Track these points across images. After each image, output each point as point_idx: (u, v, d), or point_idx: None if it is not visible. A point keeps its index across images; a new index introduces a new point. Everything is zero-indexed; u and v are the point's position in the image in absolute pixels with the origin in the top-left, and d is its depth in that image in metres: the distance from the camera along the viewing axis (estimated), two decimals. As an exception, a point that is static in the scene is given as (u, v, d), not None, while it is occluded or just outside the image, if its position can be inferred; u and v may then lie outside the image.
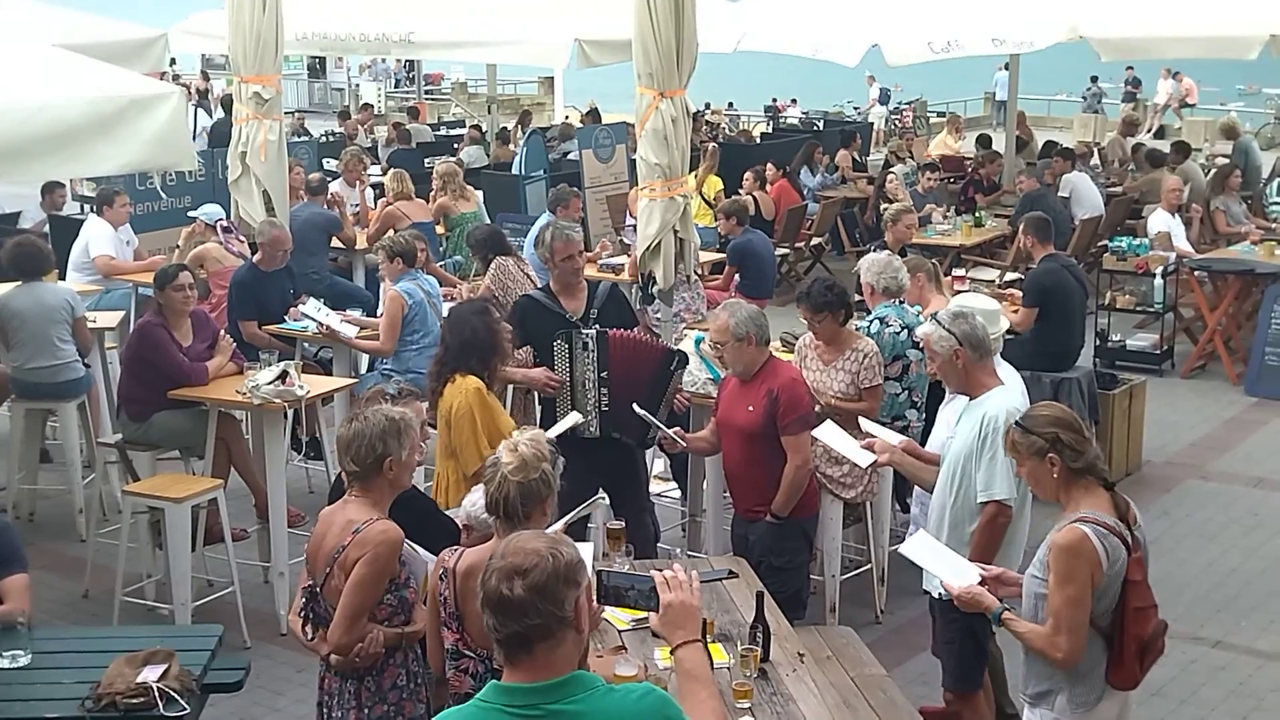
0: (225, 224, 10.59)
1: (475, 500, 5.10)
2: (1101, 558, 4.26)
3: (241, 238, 10.37)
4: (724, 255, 11.88)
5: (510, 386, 8.88)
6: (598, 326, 6.94)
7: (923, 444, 7.11)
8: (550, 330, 6.91)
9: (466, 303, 6.71)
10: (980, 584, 4.66)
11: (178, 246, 10.85)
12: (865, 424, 6.29)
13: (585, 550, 5.05)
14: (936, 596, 5.55)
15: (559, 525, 5.72)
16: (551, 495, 4.34)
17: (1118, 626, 4.36)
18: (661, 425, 6.57)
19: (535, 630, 3.00)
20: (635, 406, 6.66)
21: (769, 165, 15.57)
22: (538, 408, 7.72)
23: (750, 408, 6.31)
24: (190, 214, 11.26)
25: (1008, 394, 5.45)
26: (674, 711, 3.10)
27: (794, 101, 31.19)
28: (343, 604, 4.45)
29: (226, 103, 20.19)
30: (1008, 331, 9.39)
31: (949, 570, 4.80)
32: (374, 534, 4.42)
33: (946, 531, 5.37)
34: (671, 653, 3.46)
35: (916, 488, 6.49)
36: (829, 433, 6.11)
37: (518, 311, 7.22)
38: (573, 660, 3.08)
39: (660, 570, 3.50)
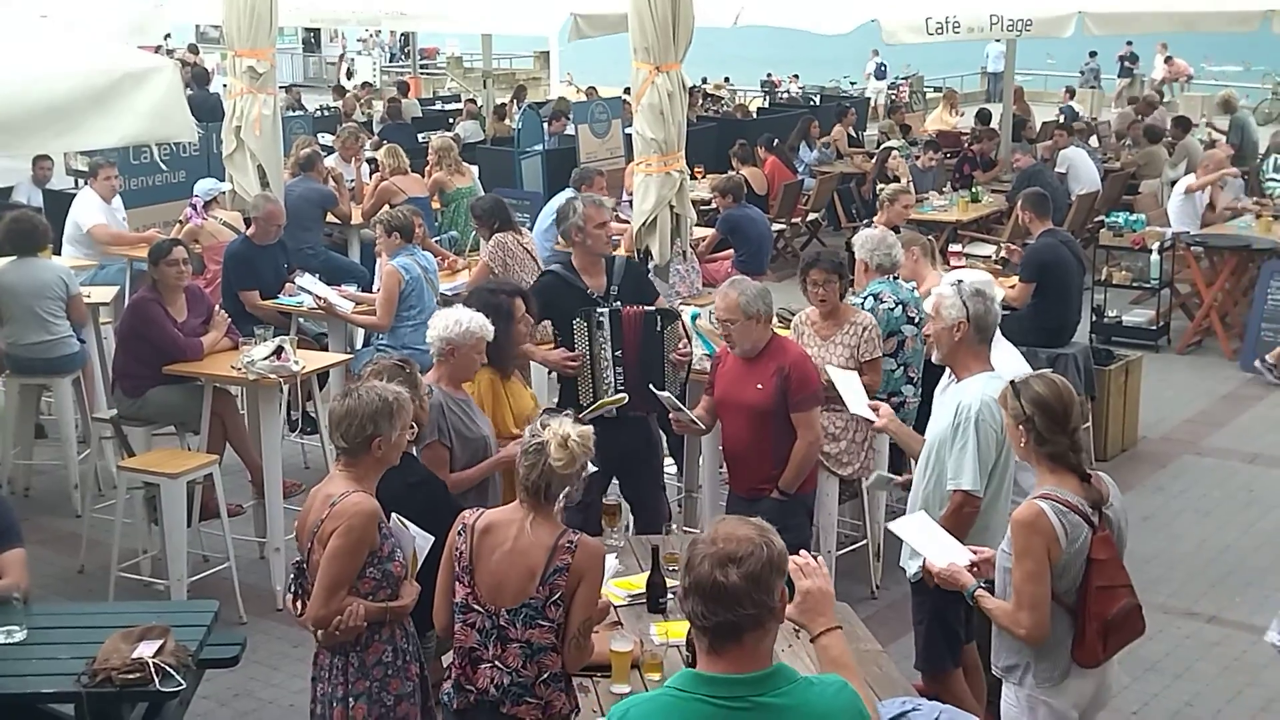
0: (195, 201, 10.55)
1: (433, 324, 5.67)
2: (1059, 534, 4.26)
3: (212, 215, 10.34)
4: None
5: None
6: (618, 303, 6.86)
7: (918, 421, 7.12)
8: (572, 306, 6.83)
9: (490, 292, 6.51)
10: (970, 566, 4.66)
11: (180, 221, 10.82)
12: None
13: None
14: (908, 578, 5.56)
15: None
16: (582, 478, 4.44)
17: (1080, 604, 4.37)
18: (684, 407, 6.53)
19: (747, 620, 2.94)
20: (651, 387, 6.63)
21: (740, 143, 15.48)
22: (555, 386, 7.68)
23: (759, 385, 6.24)
24: (195, 192, 11.21)
25: (989, 381, 5.32)
26: (863, 706, 3.08)
27: (795, 77, 31.11)
28: (319, 576, 4.45)
29: (200, 77, 20.15)
30: (1005, 307, 9.41)
31: (937, 549, 4.80)
32: (349, 505, 4.42)
33: (919, 513, 5.36)
34: (813, 640, 3.40)
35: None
36: (843, 378, 6.07)
37: (540, 287, 7.16)
38: (772, 651, 3.01)
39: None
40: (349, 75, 31.72)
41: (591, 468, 5.25)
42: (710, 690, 2.95)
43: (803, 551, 3.46)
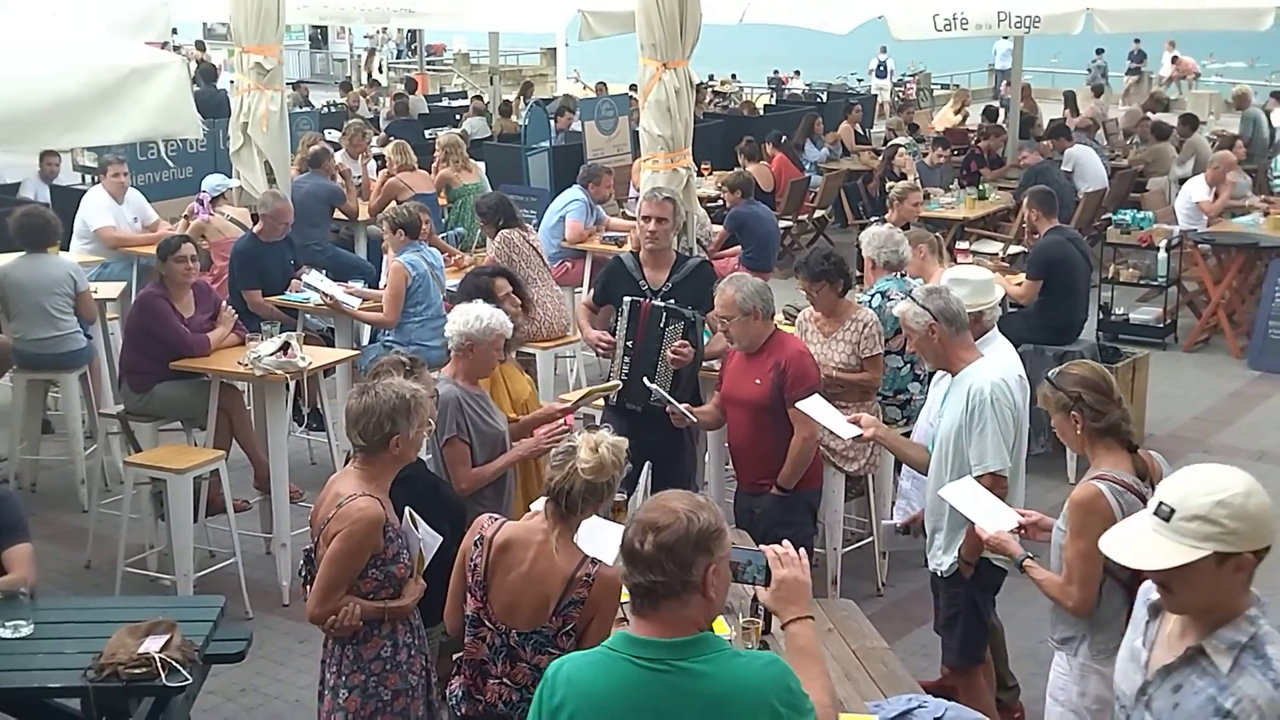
0: (203, 196, 10.56)
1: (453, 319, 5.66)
2: (1116, 514, 4.36)
3: (219, 211, 10.35)
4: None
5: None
6: (672, 301, 6.92)
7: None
8: (623, 294, 7.00)
9: (474, 275, 6.64)
10: (1019, 529, 4.81)
11: (186, 217, 10.83)
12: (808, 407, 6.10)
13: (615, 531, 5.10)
14: (939, 574, 5.57)
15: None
16: (610, 498, 4.37)
17: (1135, 580, 4.44)
18: (672, 400, 6.55)
19: (659, 587, 3.02)
20: (645, 381, 6.66)
21: (747, 139, 15.44)
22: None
23: (757, 381, 6.28)
24: (203, 187, 11.23)
25: (990, 365, 5.45)
26: (796, 683, 3.10)
27: (797, 73, 31.11)
28: (319, 575, 4.49)
29: (207, 74, 20.18)
30: (1012, 305, 9.40)
31: (985, 515, 4.91)
32: (353, 510, 4.42)
33: (947, 509, 5.38)
34: (783, 627, 3.44)
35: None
36: (815, 406, 6.08)
37: (603, 271, 7.40)
38: (700, 623, 3.08)
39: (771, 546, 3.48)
40: (380, 70, 31.72)
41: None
42: (635, 651, 3.03)
43: (785, 541, 3.51)
